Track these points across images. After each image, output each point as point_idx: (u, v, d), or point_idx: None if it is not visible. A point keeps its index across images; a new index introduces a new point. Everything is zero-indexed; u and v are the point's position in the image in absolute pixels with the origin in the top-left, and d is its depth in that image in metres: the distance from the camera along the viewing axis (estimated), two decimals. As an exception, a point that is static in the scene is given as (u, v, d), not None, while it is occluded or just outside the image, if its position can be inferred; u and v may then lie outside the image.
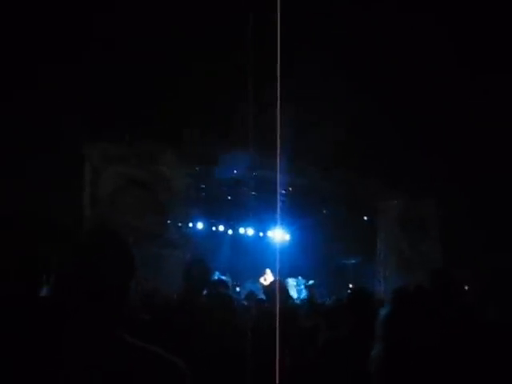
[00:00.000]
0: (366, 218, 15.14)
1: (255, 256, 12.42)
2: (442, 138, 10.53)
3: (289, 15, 5.03)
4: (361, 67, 8.99)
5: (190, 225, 13.19)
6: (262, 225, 14.37)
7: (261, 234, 14.71)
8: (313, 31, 8.25)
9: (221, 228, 14.36)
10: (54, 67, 8.41)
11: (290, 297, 7.06)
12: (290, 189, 12.83)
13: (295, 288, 12.23)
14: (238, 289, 11.53)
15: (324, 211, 14.82)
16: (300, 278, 12.89)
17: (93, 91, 9.04)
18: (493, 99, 9.28)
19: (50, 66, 8.41)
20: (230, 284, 11.11)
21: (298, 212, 13.14)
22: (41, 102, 8.63)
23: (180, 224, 12.28)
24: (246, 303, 6.76)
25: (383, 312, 1.89)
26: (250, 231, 14.55)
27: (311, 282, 12.87)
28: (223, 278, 10.22)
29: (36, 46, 8.25)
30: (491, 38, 8.48)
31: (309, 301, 8.83)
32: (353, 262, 14.91)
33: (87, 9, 8.01)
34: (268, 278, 11.82)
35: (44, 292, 2.01)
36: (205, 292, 3.83)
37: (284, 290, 5.09)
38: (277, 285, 4.79)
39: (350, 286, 12.23)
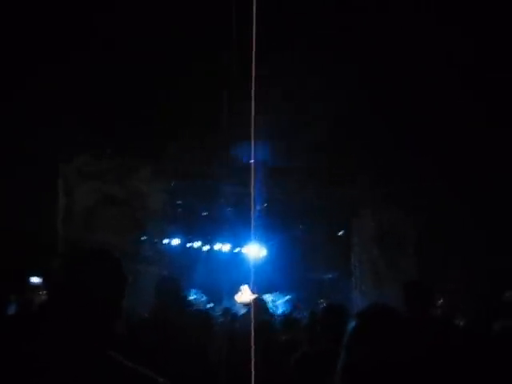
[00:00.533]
0: (341, 233, 15.21)
1: (231, 272, 12.36)
2: (423, 152, 10.58)
3: (271, 14, 5.04)
4: (338, 82, 9.00)
5: (166, 241, 13.09)
6: (238, 240, 14.33)
7: (237, 250, 14.65)
8: (296, 30, 8.22)
9: (196, 244, 14.27)
10: (31, 76, 8.31)
11: (271, 313, 7.06)
12: (266, 204, 12.84)
13: (271, 304, 12.18)
14: (209, 305, 11.41)
15: (300, 226, 14.85)
16: (276, 293, 12.86)
17: (68, 106, 8.93)
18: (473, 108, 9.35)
19: (27, 74, 8.30)
20: (204, 300, 11.05)
21: (274, 227, 13.14)
22: (17, 113, 8.51)
23: (155, 240, 12.18)
24: (222, 319, 6.72)
25: (350, 326, 1.91)
26: (227, 247, 14.48)
27: (288, 297, 12.86)
28: (193, 295, 10.14)
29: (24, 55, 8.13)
30: (482, 40, 8.52)
31: (286, 316, 8.82)
32: (329, 277, 14.93)
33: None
34: (244, 293, 11.74)
35: (13, 307, 1.97)
36: (178, 309, 3.81)
37: (264, 306, 5.10)
38: (254, 301, 4.79)
39: (323, 300, 12.20)
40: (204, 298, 11.58)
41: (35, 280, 8.21)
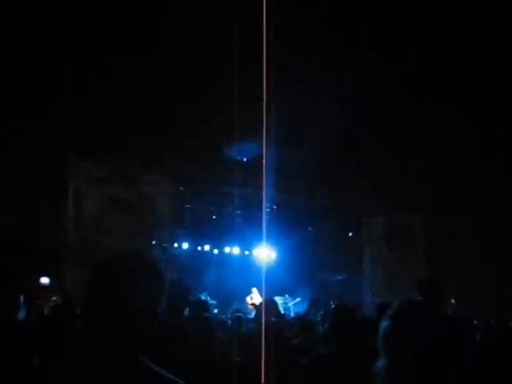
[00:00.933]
0: (351, 234, 15.17)
1: (241, 275, 12.35)
2: (430, 151, 10.56)
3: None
4: (347, 82, 9.00)
5: (176, 245, 13.10)
6: (248, 243, 14.31)
7: (246, 253, 14.64)
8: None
9: (206, 248, 14.27)
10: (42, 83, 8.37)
11: (282, 315, 7.05)
12: (275, 206, 12.83)
13: (282, 306, 12.14)
14: (215, 310, 11.35)
15: (309, 228, 14.82)
16: (287, 295, 12.83)
17: (77, 111, 8.97)
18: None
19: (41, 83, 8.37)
20: (213, 304, 11.01)
21: (283, 230, 13.12)
22: (23, 120, 8.56)
23: (165, 244, 12.20)
24: (230, 322, 6.71)
25: (383, 327, 2.08)
26: (236, 250, 14.48)
27: (299, 299, 12.81)
28: (203, 298, 10.10)
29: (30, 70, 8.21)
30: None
31: (298, 317, 8.78)
32: (339, 278, 14.88)
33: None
34: (254, 296, 11.74)
35: (21, 314, 1.96)
36: (186, 313, 3.78)
37: (276, 309, 5.09)
38: (264, 303, 4.78)
39: (334, 302, 12.15)
40: (213, 302, 11.57)
41: (44, 281, 8.23)
